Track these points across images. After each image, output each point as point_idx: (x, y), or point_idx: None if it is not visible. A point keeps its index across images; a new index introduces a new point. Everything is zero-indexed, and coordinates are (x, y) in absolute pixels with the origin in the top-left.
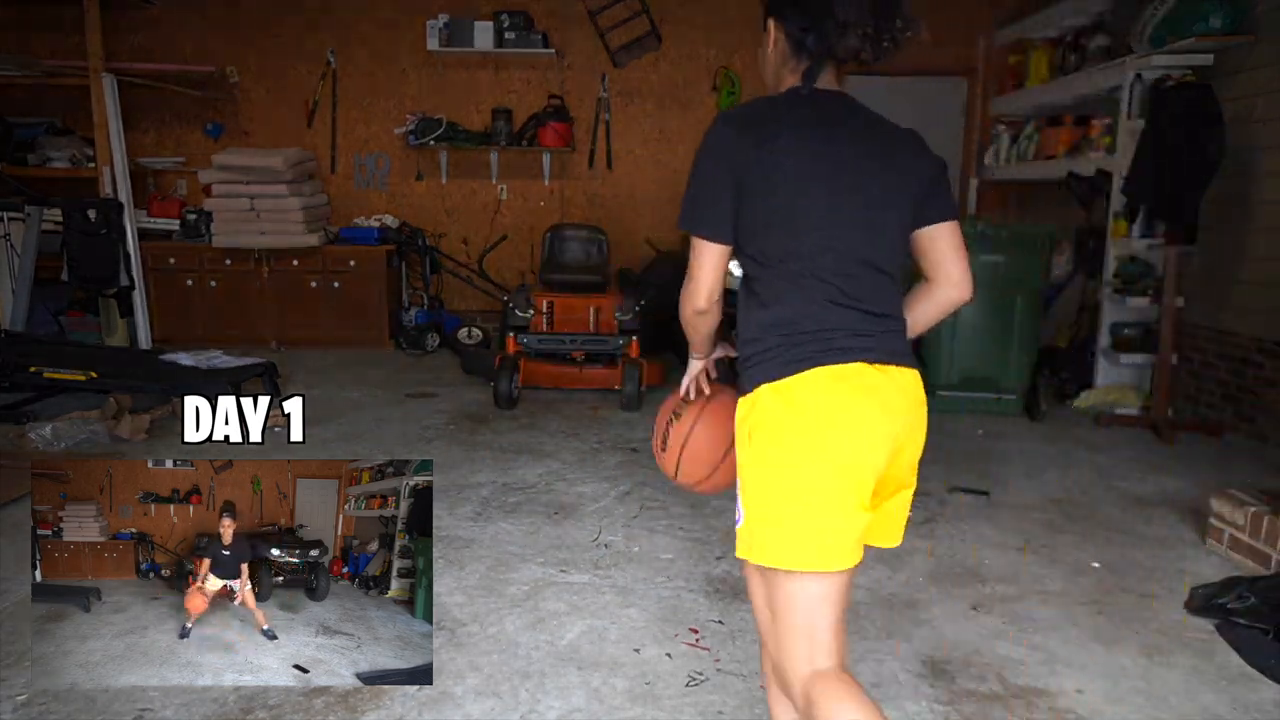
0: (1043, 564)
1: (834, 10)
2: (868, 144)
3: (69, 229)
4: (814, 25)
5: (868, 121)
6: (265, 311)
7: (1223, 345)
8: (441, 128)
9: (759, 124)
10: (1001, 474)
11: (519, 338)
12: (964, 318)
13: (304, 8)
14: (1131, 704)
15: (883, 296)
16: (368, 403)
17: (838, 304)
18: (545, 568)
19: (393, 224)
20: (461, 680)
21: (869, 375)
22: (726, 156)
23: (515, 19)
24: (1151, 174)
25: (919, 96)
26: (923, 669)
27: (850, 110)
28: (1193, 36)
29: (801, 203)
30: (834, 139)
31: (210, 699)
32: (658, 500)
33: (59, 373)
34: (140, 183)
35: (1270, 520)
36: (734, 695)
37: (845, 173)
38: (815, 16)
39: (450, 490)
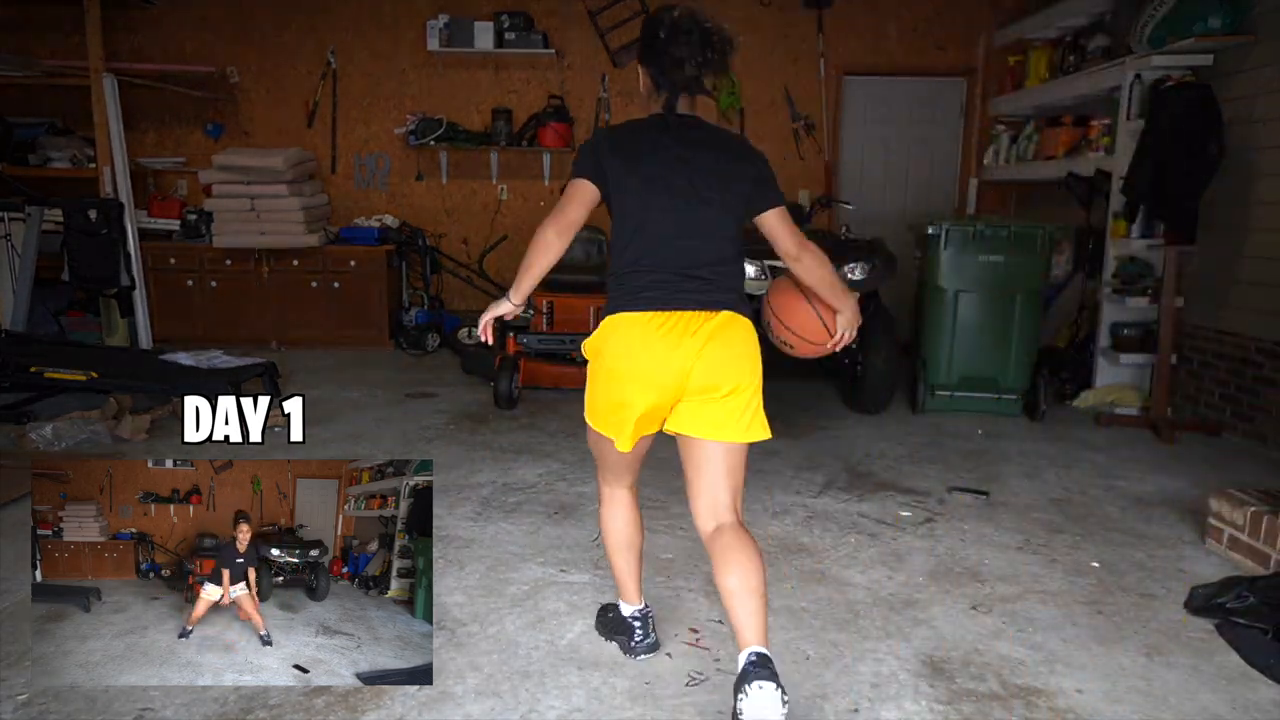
0: (1042, 564)
1: (670, 52)
2: (706, 152)
3: (69, 229)
4: (663, 67)
5: (709, 136)
6: (265, 311)
7: (1222, 345)
8: (442, 128)
9: (622, 140)
10: (1001, 474)
11: (519, 338)
12: (964, 318)
13: (304, 8)
14: (1131, 704)
15: (696, 263)
16: (368, 403)
17: (652, 269)
18: (545, 568)
19: (393, 224)
20: (461, 680)
21: (657, 319)
22: (595, 153)
23: (515, 19)
24: (1151, 174)
25: (919, 96)
26: (922, 668)
27: (696, 127)
28: (1192, 37)
29: (640, 197)
30: (675, 148)
31: (211, 699)
32: (658, 500)
33: (59, 373)
34: (140, 183)
35: (1270, 520)
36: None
37: (680, 173)
38: (661, 61)
39: (450, 490)
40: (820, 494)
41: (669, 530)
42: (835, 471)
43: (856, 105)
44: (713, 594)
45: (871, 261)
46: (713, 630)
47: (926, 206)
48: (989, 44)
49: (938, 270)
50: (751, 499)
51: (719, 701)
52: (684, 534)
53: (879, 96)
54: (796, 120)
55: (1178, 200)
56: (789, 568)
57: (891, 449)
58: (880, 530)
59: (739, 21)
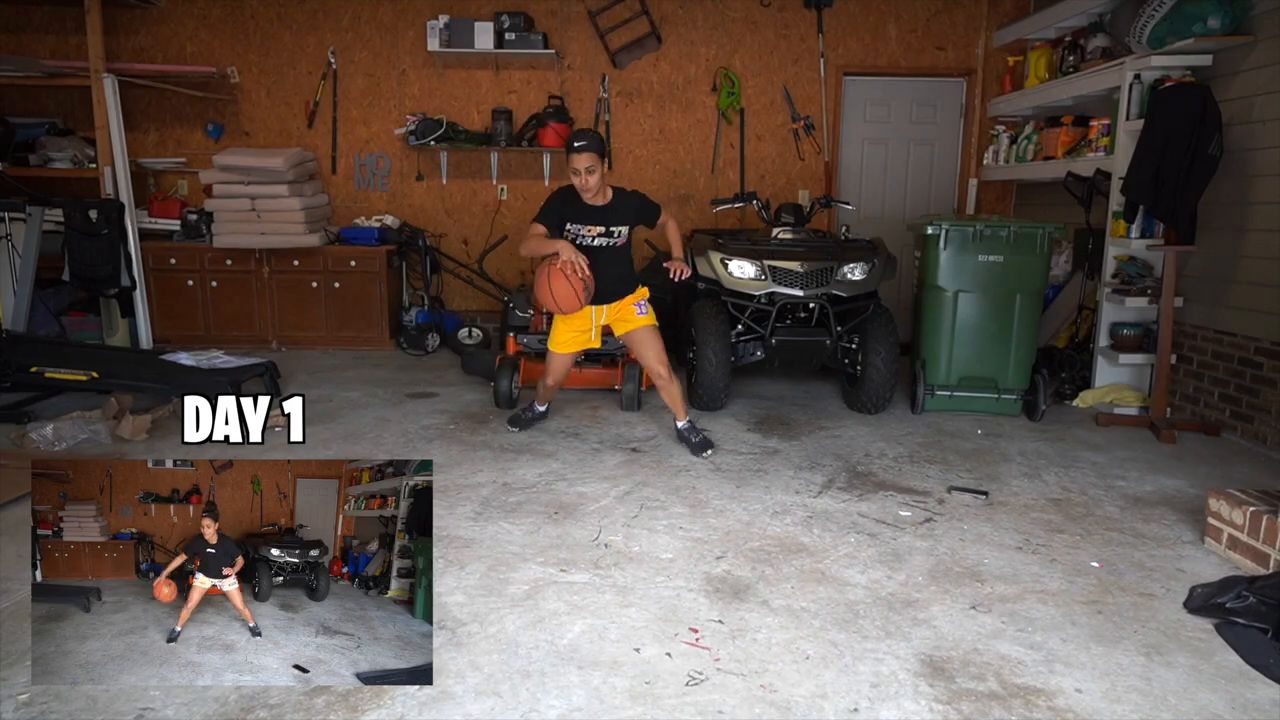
0: (1042, 564)
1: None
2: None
3: (70, 229)
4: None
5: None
6: (265, 311)
7: (1222, 345)
8: (442, 128)
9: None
10: (1001, 474)
11: (519, 338)
12: (964, 318)
13: (304, 8)
14: (1130, 703)
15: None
16: (368, 403)
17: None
18: (545, 568)
19: (393, 224)
20: (462, 680)
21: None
22: (557, 204)
23: (515, 19)
24: (1150, 175)
25: (919, 96)
26: (922, 668)
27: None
28: (1191, 37)
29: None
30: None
31: (211, 698)
32: (658, 500)
33: (60, 373)
34: (141, 183)
35: (1269, 520)
36: (734, 695)
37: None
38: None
39: (450, 490)
40: (820, 494)
41: (669, 530)
42: (835, 471)
43: (856, 105)
44: (713, 594)
45: (871, 262)
46: (713, 630)
47: (926, 206)
48: (988, 44)
49: (937, 270)
50: (752, 499)
51: (719, 701)
52: (684, 534)
53: (879, 96)
54: (796, 120)
55: (1177, 200)
56: (789, 567)
57: (891, 449)
58: (880, 530)
59: (739, 21)
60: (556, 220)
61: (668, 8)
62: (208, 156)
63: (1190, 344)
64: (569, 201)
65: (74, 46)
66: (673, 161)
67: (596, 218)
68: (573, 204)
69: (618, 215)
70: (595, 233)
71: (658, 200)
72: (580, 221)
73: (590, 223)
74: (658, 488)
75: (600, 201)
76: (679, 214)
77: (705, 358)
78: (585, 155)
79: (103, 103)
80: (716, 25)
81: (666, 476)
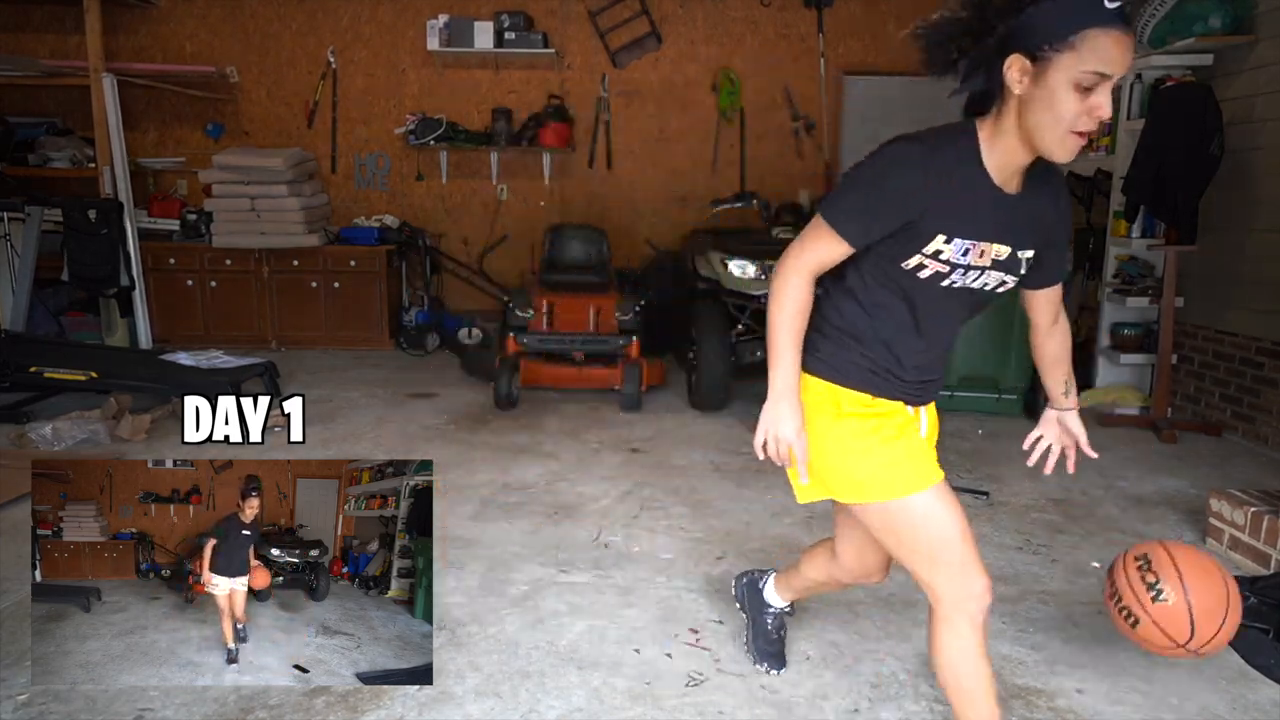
0: (1043, 564)
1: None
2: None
3: (69, 229)
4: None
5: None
6: (265, 311)
7: (1222, 345)
8: (441, 128)
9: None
10: (1001, 474)
11: (519, 338)
12: None
13: (304, 8)
14: (1131, 704)
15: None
16: (368, 403)
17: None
18: (545, 568)
19: (393, 224)
20: (462, 680)
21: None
22: (916, 186)
23: (515, 19)
24: (1151, 174)
25: (919, 96)
26: (922, 669)
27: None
28: (1192, 37)
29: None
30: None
31: (210, 699)
32: (658, 500)
33: (59, 372)
34: (140, 183)
35: (1270, 520)
36: (734, 695)
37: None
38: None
39: (450, 490)
40: None
41: (669, 531)
42: None
43: (856, 105)
44: (713, 594)
45: None
46: (713, 630)
47: None
48: None
49: None
50: (752, 498)
51: (719, 701)
52: (684, 534)
53: (879, 96)
54: (796, 120)
55: (1178, 200)
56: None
57: None
58: None
59: (739, 21)
60: (900, 226)
61: (668, 7)
62: (207, 156)
63: (1191, 344)
64: (967, 184)
65: (73, 46)
66: (673, 161)
67: (1005, 226)
68: (971, 189)
69: (1032, 224)
70: (989, 260)
71: (656, 201)
72: (975, 236)
73: (993, 238)
74: (658, 488)
75: (1014, 189)
76: (678, 214)
77: (705, 358)
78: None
79: (102, 102)
80: (716, 25)
81: (666, 476)
